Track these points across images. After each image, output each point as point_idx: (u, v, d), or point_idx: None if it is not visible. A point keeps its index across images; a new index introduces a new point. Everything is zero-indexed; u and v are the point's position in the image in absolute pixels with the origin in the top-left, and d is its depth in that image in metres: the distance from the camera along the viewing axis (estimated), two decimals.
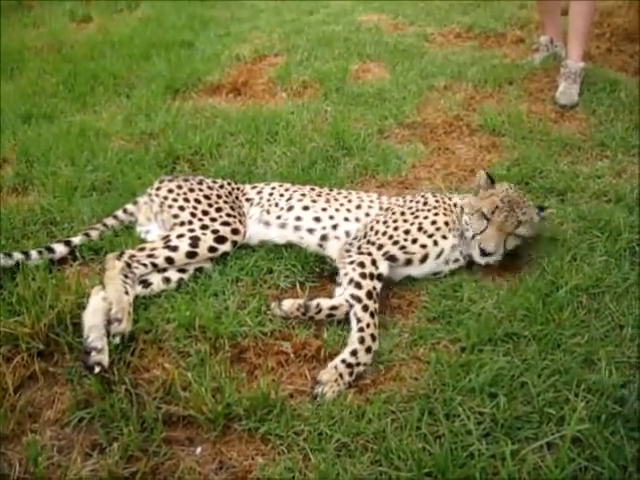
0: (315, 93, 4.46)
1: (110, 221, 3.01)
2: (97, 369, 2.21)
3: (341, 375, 2.25)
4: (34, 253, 2.75)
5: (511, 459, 1.90)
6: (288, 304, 2.48)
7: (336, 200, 2.93)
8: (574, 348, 2.28)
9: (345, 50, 5.17)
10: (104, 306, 2.41)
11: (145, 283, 2.61)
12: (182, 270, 2.69)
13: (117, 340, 2.33)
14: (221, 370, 2.23)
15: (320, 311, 2.48)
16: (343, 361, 2.28)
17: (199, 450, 2.06)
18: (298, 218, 2.85)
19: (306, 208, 2.88)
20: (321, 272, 2.75)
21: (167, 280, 2.65)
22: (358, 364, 2.29)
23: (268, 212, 2.91)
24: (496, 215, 2.71)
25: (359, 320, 2.41)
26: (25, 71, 5.24)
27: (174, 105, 4.38)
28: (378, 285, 2.54)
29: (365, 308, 2.44)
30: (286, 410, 2.11)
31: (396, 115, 4.01)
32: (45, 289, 2.51)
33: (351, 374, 2.26)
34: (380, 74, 4.76)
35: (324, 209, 2.87)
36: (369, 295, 2.48)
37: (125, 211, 3.04)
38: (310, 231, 2.82)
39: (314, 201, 2.91)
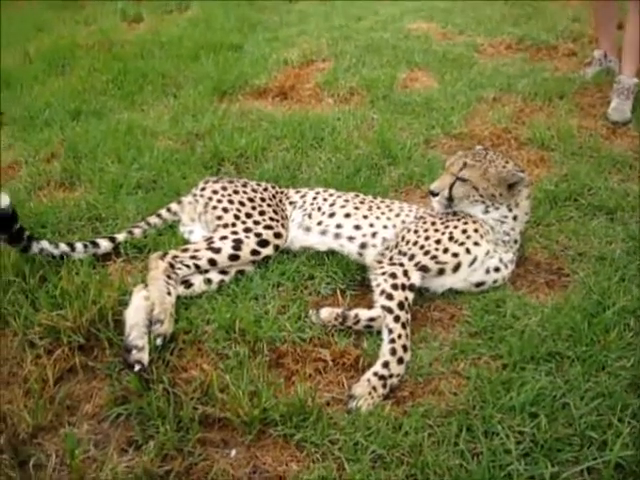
0: (362, 100, 4.45)
1: (154, 220, 3.03)
2: (137, 367, 2.23)
3: (374, 388, 2.23)
4: (79, 246, 2.79)
5: None
6: (326, 313, 2.47)
7: (378, 208, 2.90)
8: (619, 371, 2.22)
9: (393, 58, 5.15)
10: (146, 305, 2.42)
11: (187, 283, 2.62)
12: (224, 272, 2.70)
13: (159, 342, 2.34)
14: (259, 374, 2.23)
15: (358, 322, 2.46)
16: (375, 374, 2.26)
17: (234, 453, 2.06)
18: (339, 225, 2.84)
19: (348, 215, 2.86)
20: (362, 280, 2.73)
21: (209, 281, 2.65)
22: (391, 376, 2.27)
23: (310, 217, 2.90)
24: (448, 161, 2.80)
25: (390, 331, 2.38)
26: (75, 68, 5.32)
27: (221, 107, 4.41)
28: (410, 296, 2.51)
29: (397, 319, 2.41)
30: (322, 418, 2.09)
31: (443, 125, 3.97)
32: (88, 284, 2.54)
33: (384, 386, 2.24)
34: (428, 83, 4.73)
35: (365, 217, 2.85)
36: (400, 306, 2.45)
37: (169, 210, 3.06)
38: (350, 239, 2.80)
39: (357, 208, 2.89)
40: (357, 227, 2.82)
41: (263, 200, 2.94)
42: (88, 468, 1.99)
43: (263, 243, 2.75)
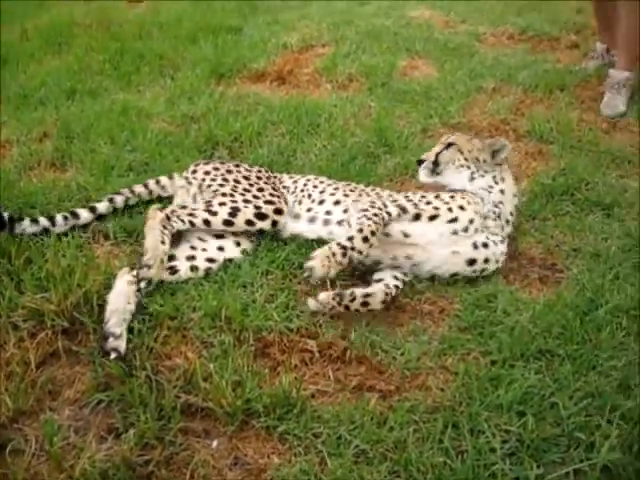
0: (360, 87, 4.39)
1: (139, 189, 3.02)
2: (113, 355, 2.21)
3: (334, 254, 2.36)
4: (59, 219, 2.79)
5: None
6: (324, 295, 2.43)
7: (368, 195, 2.87)
8: (610, 371, 2.19)
9: (394, 45, 5.08)
10: (129, 290, 2.39)
11: (172, 269, 2.58)
12: (211, 260, 2.66)
13: (143, 285, 2.38)
14: (244, 364, 2.19)
15: (354, 299, 2.44)
16: (338, 244, 2.39)
17: (215, 443, 2.02)
18: (328, 212, 2.81)
19: (337, 203, 2.83)
20: (353, 271, 2.68)
21: (195, 269, 2.61)
22: (353, 248, 2.39)
23: (300, 203, 2.87)
24: None
25: (361, 223, 2.49)
26: (73, 47, 5.26)
27: (217, 90, 4.35)
28: (386, 216, 2.57)
29: (368, 218, 2.51)
30: (306, 410, 2.06)
31: (441, 115, 3.92)
32: (74, 267, 2.50)
33: (344, 255, 2.38)
34: (428, 72, 4.67)
35: (355, 202, 2.81)
36: (375, 215, 2.54)
37: (158, 182, 3.04)
38: (339, 223, 2.77)
39: (346, 195, 2.86)
40: (346, 211, 2.78)
41: (259, 179, 2.92)
42: (67, 455, 1.95)
43: (261, 216, 2.74)
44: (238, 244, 2.74)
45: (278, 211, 2.78)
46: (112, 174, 3.28)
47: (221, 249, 2.71)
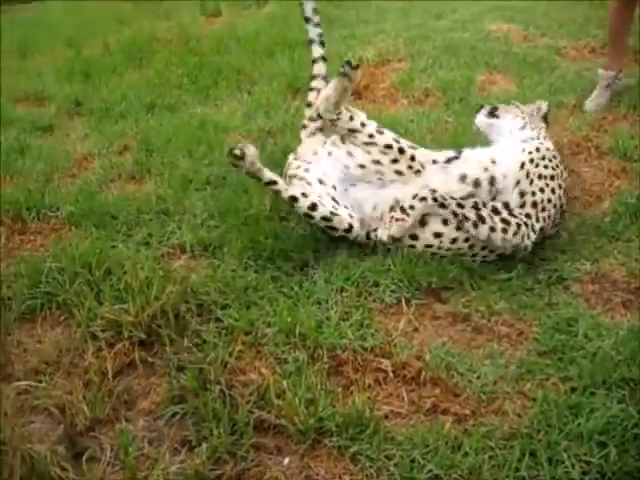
0: (437, 102, 4.35)
1: None
2: None
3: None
4: None
5: None
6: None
7: None
8: None
9: (471, 59, 5.02)
10: None
11: None
12: None
13: None
14: (317, 381, 2.17)
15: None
16: None
17: (287, 461, 2.01)
18: None
19: None
20: (428, 287, 2.65)
21: None
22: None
23: None
24: None
25: None
26: (153, 61, 5.40)
27: (294, 104, 4.38)
28: None
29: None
30: (380, 431, 2.02)
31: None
32: (152, 279, 2.54)
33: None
34: (507, 87, 4.59)
35: None
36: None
37: None
38: None
39: None
40: None
41: None
42: (141, 465, 1.98)
43: None
44: None
45: None
46: (190, 187, 3.34)
47: None
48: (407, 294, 2.59)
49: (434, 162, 2.90)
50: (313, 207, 2.76)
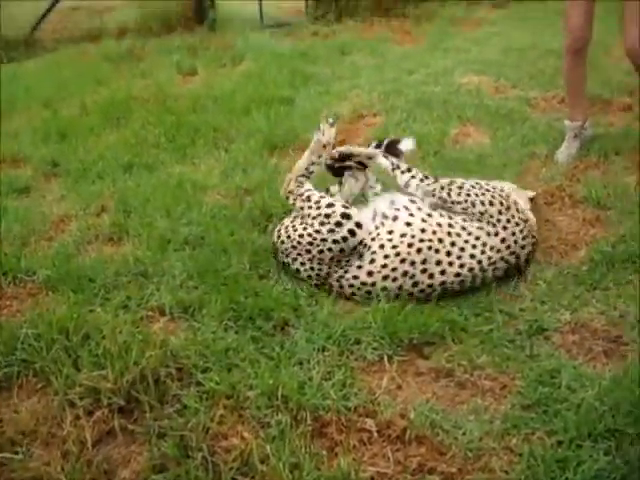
0: (412, 156, 4.39)
1: None
2: None
3: None
4: None
5: None
6: None
7: None
8: None
9: (444, 112, 5.10)
10: None
11: None
12: None
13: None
14: (301, 445, 2.14)
15: None
16: None
17: None
18: None
19: None
20: (410, 342, 2.64)
21: None
22: None
23: None
24: None
25: None
26: (130, 121, 5.40)
27: (271, 162, 4.40)
28: None
29: None
30: None
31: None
32: (131, 344, 2.51)
33: None
34: (480, 139, 4.66)
35: None
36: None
37: None
38: None
39: None
40: None
41: None
42: None
43: None
44: None
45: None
46: (168, 248, 3.32)
47: None
48: (389, 351, 2.58)
49: None
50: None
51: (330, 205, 3.03)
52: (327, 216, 2.98)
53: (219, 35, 8.49)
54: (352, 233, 2.94)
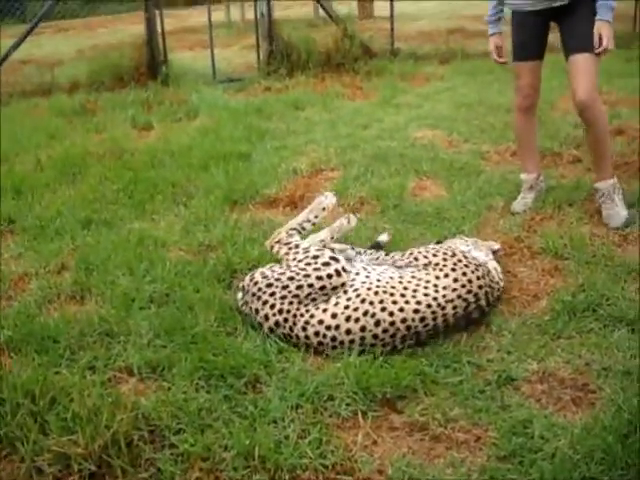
0: (372, 210, 4.47)
1: None
2: None
3: None
4: None
5: None
6: None
7: None
8: None
9: (401, 166, 5.21)
10: None
11: None
12: None
13: None
14: None
15: None
16: None
17: None
18: None
19: None
20: (383, 397, 2.64)
21: None
22: None
23: None
24: None
25: None
26: (87, 176, 5.37)
27: (232, 217, 4.41)
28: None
29: None
30: None
31: (455, 235, 3.94)
32: (101, 407, 2.45)
33: None
34: (437, 192, 4.77)
35: None
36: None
37: None
38: None
39: None
40: None
41: None
42: None
43: None
44: None
45: None
46: (133, 306, 3.28)
47: None
48: (363, 406, 2.57)
49: None
50: None
51: (319, 250, 3.20)
52: (315, 257, 3.13)
53: (173, 90, 8.55)
54: (338, 273, 3.06)
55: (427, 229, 4.11)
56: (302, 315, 2.96)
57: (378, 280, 3.09)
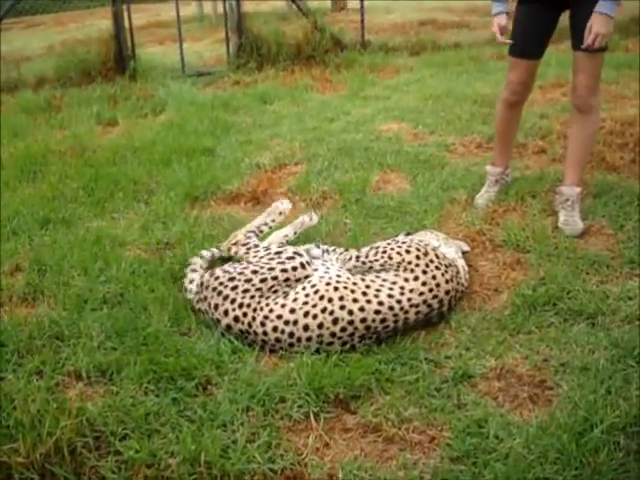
0: (334, 204, 4.40)
1: None
2: None
3: None
4: None
5: None
6: None
7: None
8: None
9: (365, 160, 5.15)
10: None
11: None
12: None
13: None
14: None
15: None
16: None
17: None
18: None
19: None
20: (336, 398, 2.59)
21: None
22: None
23: None
24: None
25: None
26: (47, 174, 5.25)
27: (192, 214, 4.33)
28: None
29: None
30: None
31: (417, 229, 3.89)
32: (45, 413, 2.38)
33: None
34: (401, 185, 4.71)
35: None
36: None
37: None
38: None
39: None
40: None
41: None
42: None
43: None
44: None
45: None
46: (85, 308, 3.20)
47: None
48: (315, 408, 2.52)
49: None
50: None
51: (281, 247, 3.27)
52: (278, 253, 3.15)
53: (140, 85, 8.39)
54: (302, 266, 3.07)
55: (388, 223, 4.06)
56: (262, 309, 2.90)
57: (338, 276, 3.05)
